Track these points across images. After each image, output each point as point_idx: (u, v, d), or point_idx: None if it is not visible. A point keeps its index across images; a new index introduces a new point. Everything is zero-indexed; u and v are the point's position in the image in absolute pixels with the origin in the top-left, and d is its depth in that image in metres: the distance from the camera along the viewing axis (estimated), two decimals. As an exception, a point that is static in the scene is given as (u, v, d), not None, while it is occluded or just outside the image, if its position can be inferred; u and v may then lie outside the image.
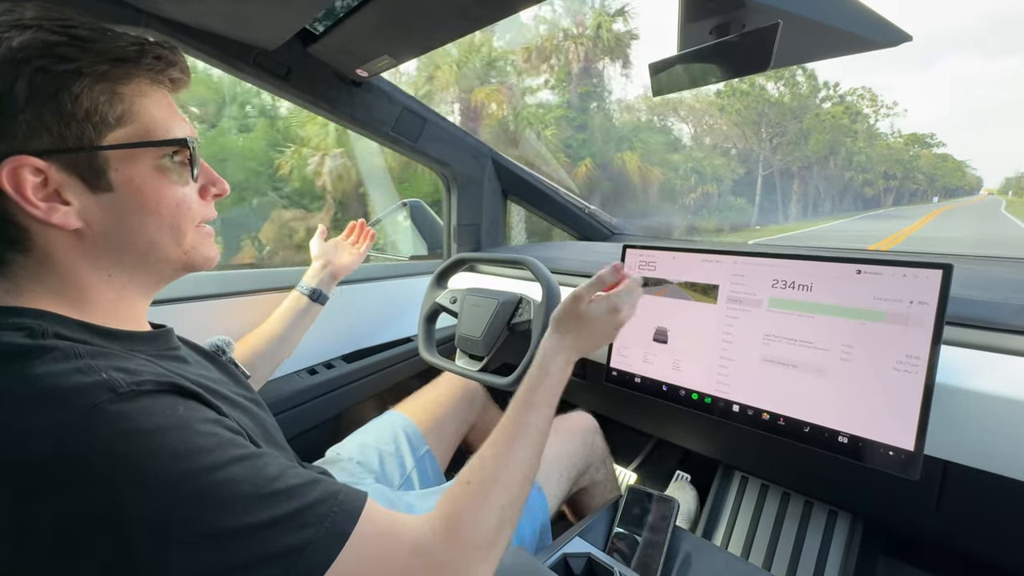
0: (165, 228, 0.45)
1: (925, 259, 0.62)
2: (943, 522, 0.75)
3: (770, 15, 0.56)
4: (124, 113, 0.41)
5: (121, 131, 0.41)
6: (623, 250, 0.89)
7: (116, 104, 0.41)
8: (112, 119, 0.41)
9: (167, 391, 0.38)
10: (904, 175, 78.26)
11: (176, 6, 0.77)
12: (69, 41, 0.38)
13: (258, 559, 0.34)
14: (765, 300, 0.72)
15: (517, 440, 0.52)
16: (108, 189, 0.42)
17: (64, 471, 0.32)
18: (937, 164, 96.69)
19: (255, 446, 0.41)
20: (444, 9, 0.77)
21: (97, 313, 0.43)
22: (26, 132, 0.37)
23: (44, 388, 0.34)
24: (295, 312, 0.93)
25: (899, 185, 73.98)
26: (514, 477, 0.50)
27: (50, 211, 0.39)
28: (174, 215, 0.46)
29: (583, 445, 0.94)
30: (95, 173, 0.41)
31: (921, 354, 0.59)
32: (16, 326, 0.38)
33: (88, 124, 0.39)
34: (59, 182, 0.39)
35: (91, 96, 0.39)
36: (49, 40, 0.37)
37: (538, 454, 0.53)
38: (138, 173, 0.43)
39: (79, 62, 0.38)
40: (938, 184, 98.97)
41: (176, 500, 0.33)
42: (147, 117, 0.43)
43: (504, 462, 0.50)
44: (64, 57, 0.38)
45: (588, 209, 1.67)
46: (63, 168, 0.39)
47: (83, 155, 0.40)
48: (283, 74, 0.98)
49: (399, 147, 1.28)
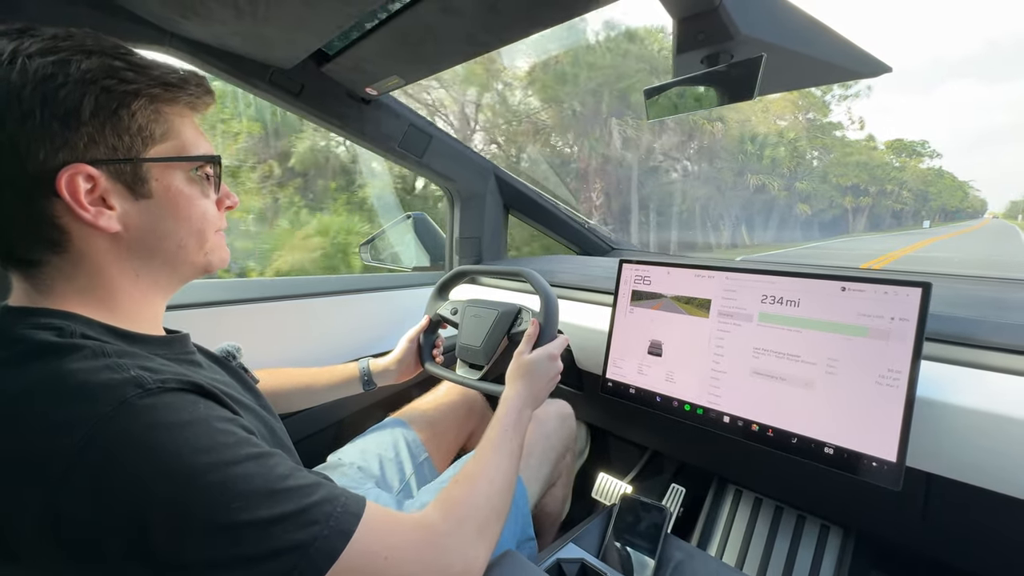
0: (193, 233, 0.50)
1: (909, 278, 0.64)
2: (929, 535, 0.77)
3: (757, 47, 0.60)
4: (167, 131, 0.46)
5: (163, 146, 0.46)
6: (619, 265, 0.92)
7: (161, 123, 0.46)
8: (158, 135, 0.45)
9: (189, 390, 0.41)
10: (879, 190, 61.33)
11: (199, 27, 0.82)
12: (128, 67, 0.43)
13: (267, 553, 0.37)
14: (755, 315, 0.75)
15: (494, 453, 0.63)
16: (148, 196, 0.46)
17: (93, 461, 0.34)
18: (930, 179, 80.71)
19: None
20: (452, 34, 0.81)
21: (120, 315, 0.46)
22: (86, 144, 0.41)
23: (76, 383, 0.37)
24: (341, 381, 0.93)
25: (872, 203, 57.90)
26: (493, 476, 0.59)
27: (97, 215, 0.43)
28: (200, 222, 0.50)
29: (560, 426, 0.98)
30: (139, 182, 0.45)
31: (902, 368, 0.62)
32: (47, 326, 0.41)
33: (138, 138, 0.44)
34: (106, 189, 0.43)
35: (144, 114, 0.44)
36: (114, 65, 0.42)
37: (513, 466, 0.63)
38: (174, 184, 0.47)
39: (138, 84, 0.43)
40: (933, 205, 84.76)
41: (196, 491, 0.36)
42: (184, 136, 0.48)
43: (482, 466, 0.60)
44: (125, 80, 0.42)
45: (587, 224, 1.71)
46: (112, 176, 0.43)
47: (131, 165, 0.44)
48: (296, 91, 1.03)
49: (406, 162, 1.32)
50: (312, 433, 1.06)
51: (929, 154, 74.34)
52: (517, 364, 0.78)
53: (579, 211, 1.72)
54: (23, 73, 0.38)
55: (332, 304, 1.19)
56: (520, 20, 0.76)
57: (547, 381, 0.78)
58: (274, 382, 0.86)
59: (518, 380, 0.76)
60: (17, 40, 0.39)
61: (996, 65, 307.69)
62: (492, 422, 0.68)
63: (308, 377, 0.91)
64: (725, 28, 0.59)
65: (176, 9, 0.76)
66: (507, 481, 0.60)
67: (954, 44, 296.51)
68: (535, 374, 0.76)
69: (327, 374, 0.93)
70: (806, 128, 39.70)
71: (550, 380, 0.78)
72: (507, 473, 0.61)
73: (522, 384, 0.75)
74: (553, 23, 0.76)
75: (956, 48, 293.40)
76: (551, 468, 0.92)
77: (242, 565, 0.36)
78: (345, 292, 1.22)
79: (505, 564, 0.57)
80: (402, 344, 1.00)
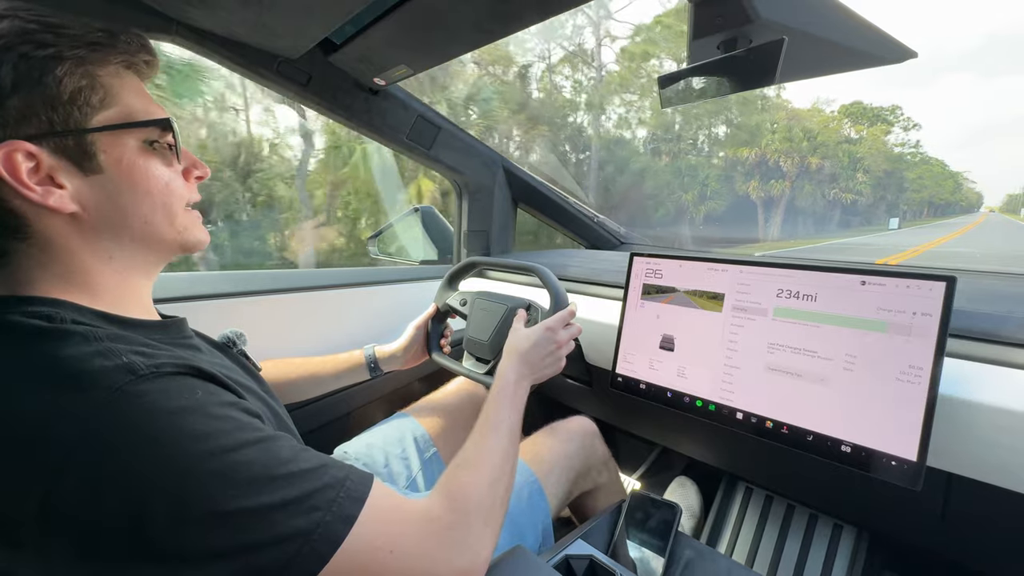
0: (158, 208, 0.47)
1: (931, 271, 0.62)
2: (948, 536, 0.75)
3: (777, 31, 0.58)
4: (105, 96, 0.43)
5: (104, 114, 0.43)
6: (630, 258, 0.90)
7: (97, 88, 0.42)
8: (96, 101, 0.42)
9: (185, 373, 0.40)
10: (832, 176, 38.36)
11: (205, 16, 0.81)
12: (44, 28, 0.39)
13: (268, 540, 0.36)
14: (770, 309, 0.73)
15: (493, 433, 0.61)
16: (99, 171, 0.43)
17: (88, 451, 0.34)
18: (903, 163, 54.65)
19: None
20: (461, 23, 0.79)
21: (106, 300, 0.45)
22: (16, 118, 0.39)
23: (68, 371, 0.36)
24: (347, 368, 0.93)
25: (791, 192, 33.65)
26: (494, 459, 0.57)
27: (46, 194, 0.40)
28: (164, 195, 0.47)
29: (581, 447, 0.95)
30: (85, 155, 0.42)
31: (924, 365, 0.59)
32: (35, 313, 0.39)
33: (74, 107, 0.41)
34: (51, 166, 0.41)
35: (73, 79, 0.41)
36: (26, 28, 0.39)
37: (512, 444, 0.61)
38: (125, 154, 0.44)
39: (58, 47, 0.40)
40: (914, 196, 60.45)
41: (193, 479, 0.35)
42: (127, 100, 0.44)
43: (482, 449, 0.58)
44: (43, 43, 0.39)
45: (597, 218, 1.69)
46: (54, 152, 0.41)
47: (72, 138, 0.41)
48: (304, 82, 1.02)
49: (414, 154, 1.31)
50: (318, 427, 1.06)
51: (903, 124, 48.68)
52: (512, 338, 0.76)
53: (589, 204, 1.69)
54: None
55: (339, 297, 1.19)
56: (529, 7, 0.74)
57: (546, 354, 0.75)
58: (280, 372, 0.86)
59: (513, 352, 0.74)
60: None
61: (994, 60, 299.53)
62: (487, 399, 0.66)
63: (314, 366, 0.91)
64: (744, 11, 0.56)
65: (182, -4, 0.75)
66: (509, 463, 0.59)
67: (953, 38, 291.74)
68: (531, 347, 0.74)
69: (333, 362, 0.93)
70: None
71: (549, 354, 0.75)
72: (508, 454, 0.59)
73: (517, 356, 0.73)
74: (562, 10, 0.74)
75: (955, 42, 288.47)
76: (569, 486, 0.91)
77: (243, 552, 0.35)
78: (352, 285, 1.22)
79: (513, 559, 0.56)
80: (409, 331, 0.99)
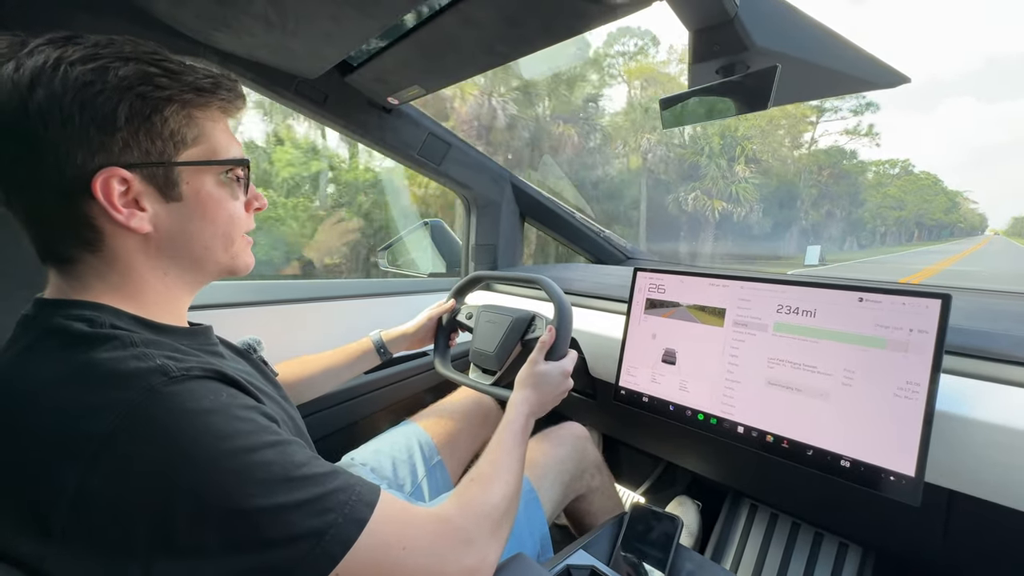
0: (219, 236, 0.52)
1: (927, 289, 0.63)
2: (951, 555, 0.74)
3: (772, 58, 0.60)
4: (198, 135, 0.48)
5: (194, 150, 0.48)
6: (634, 273, 0.92)
7: (193, 127, 0.47)
8: (189, 139, 0.47)
9: (212, 377, 0.43)
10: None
11: (230, 40, 0.86)
12: (163, 73, 0.45)
13: (282, 538, 0.38)
14: (770, 324, 0.74)
15: (506, 457, 0.64)
16: (178, 199, 0.48)
17: (121, 444, 0.36)
18: (882, 177, 42.51)
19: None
20: (473, 47, 0.83)
21: (147, 308, 0.49)
22: (121, 148, 0.43)
23: (106, 371, 0.39)
24: (357, 356, 0.96)
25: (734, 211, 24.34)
26: (507, 478, 0.60)
27: (130, 216, 0.45)
28: (227, 224, 0.52)
29: (573, 451, 0.97)
30: (170, 184, 0.47)
31: (921, 381, 0.60)
32: (79, 317, 0.43)
33: (170, 142, 0.46)
34: (139, 191, 0.45)
35: (177, 119, 0.46)
36: (148, 72, 0.44)
37: (521, 471, 0.65)
38: (204, 186, 0.49)
39: (171, 91, 0.45)
40: (899, 215, 47.84)
41: (215, 476, 0.37)
42: (215, 139, 0.50)
43: (497, 468, 0.62)
44: (160, 86, 0.44)
45: (603, 233, 1.71)
46: (144, 179, 0.45)
47: (163, 168, 0.46)
48: (321, 101, 1.06)
49: (424, 170, 1.35)
50: (327, 435, 1.08)
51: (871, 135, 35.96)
52: (531, 371, 0.79)
53: (595, 219, 1.72)
54: (64, 80, 0.40)
55: (350, 307, 1.22)
56: (538, 32, 0.78)
57: (555, 395, 0.79)
58: (296, 371, 0.89)
59: (528, 387, 0.77)
60: (62, 48, 0.41)
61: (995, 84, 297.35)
62: (502, 425, 0.69)
63: (327, 359, 0.94)
64: (740, 39, 0.59)
65: (210, 23, 0.79)
66: (518, 483, 0.62)
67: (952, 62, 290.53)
68: (546, 385, 0.78)
69: (344, 352, 0.96)
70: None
71: (558, 395, 0.80)
72: (518, 476, 0.62)
73: (532, 392, 0.76)
74: (570, 35, 0.77)
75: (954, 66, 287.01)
76: (564, 490, 0.92)
77: (258, 549, 0.37)
78: (362, 296, 1.25)
79: (515, 567, 0.57)
80: (422, 317, 1.04)
